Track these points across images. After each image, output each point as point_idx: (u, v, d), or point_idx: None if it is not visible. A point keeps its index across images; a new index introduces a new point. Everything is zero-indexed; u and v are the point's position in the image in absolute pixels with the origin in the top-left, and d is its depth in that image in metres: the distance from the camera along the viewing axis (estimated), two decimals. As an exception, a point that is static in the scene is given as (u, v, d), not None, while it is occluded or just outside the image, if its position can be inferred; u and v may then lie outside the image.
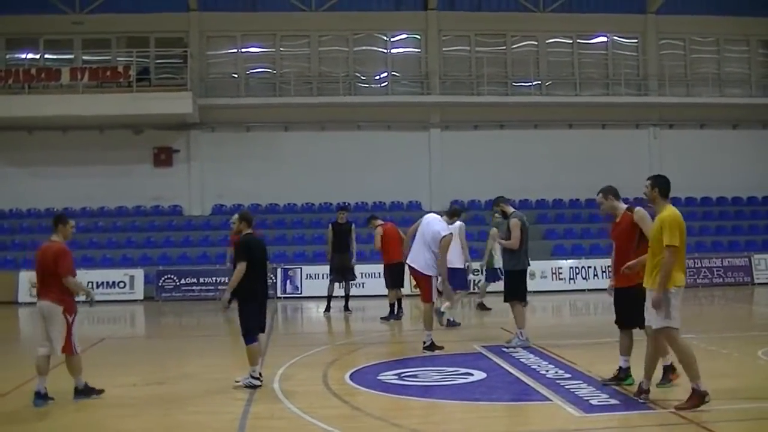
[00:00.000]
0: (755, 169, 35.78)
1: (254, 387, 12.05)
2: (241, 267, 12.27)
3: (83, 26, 34.26)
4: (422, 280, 15.42)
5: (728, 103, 36.41)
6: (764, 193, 36.30)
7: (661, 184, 11.03)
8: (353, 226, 23.29)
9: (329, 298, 23.19)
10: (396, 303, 21.54)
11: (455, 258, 18.20)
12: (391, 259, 21.14)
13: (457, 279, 18.52)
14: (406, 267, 16.60)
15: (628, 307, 11.18)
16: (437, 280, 15.52)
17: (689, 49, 37.36)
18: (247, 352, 12.31)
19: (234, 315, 23.36)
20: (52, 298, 11.45)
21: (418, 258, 15.40)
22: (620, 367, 11.52)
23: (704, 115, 36.18)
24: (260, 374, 12.32)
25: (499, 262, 20.90)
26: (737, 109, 36.36)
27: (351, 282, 23.23)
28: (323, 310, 23.20)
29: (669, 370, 11.42)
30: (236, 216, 12.71)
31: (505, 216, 16.26)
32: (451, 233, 15.68)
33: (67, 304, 11.55)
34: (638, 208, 11.37)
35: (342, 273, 22.85)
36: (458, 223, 18.87)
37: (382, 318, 21.33)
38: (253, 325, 12.39)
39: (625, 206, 11.64)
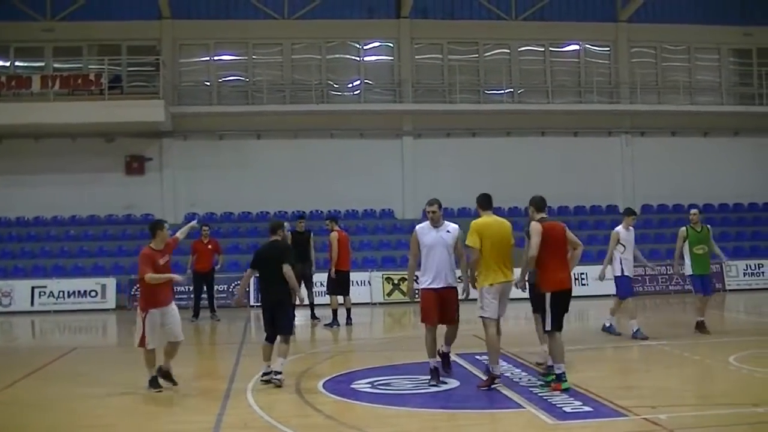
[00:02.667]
0: (726, 177, 35.96)
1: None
2: (246, 273, 13.81)
3: (54, 34, 34.04)
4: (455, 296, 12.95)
5: (699, 110, 36.59)
6: (735, 200, 36.54)
7: (478, 200, 12.97)
8: (311, 234, 23.24)
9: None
10: (346, 311, 21.94)
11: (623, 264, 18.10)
12: (341, 266, 21.44)
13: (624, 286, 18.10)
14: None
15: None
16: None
17: (660, 57, 37.56)
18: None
19: (204, 324, 23.43)
20: (136, 299, 13.04)
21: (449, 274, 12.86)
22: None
23: (675, 123, 36.37)
24: (275, 372, 13.14)
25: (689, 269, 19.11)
26: (708, 116, 36.55)
27: (312, 290, 23.19)
28: None
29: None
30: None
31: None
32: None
33: (141, 303, 12.80)
34: (532, 223, 12.43)
35: (301, 282, 22.84)
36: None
37: (325, 325, 21.67)
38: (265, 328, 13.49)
39: (539, 217, 12.52)
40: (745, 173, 36.25)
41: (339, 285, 21.64)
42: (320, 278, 23.88)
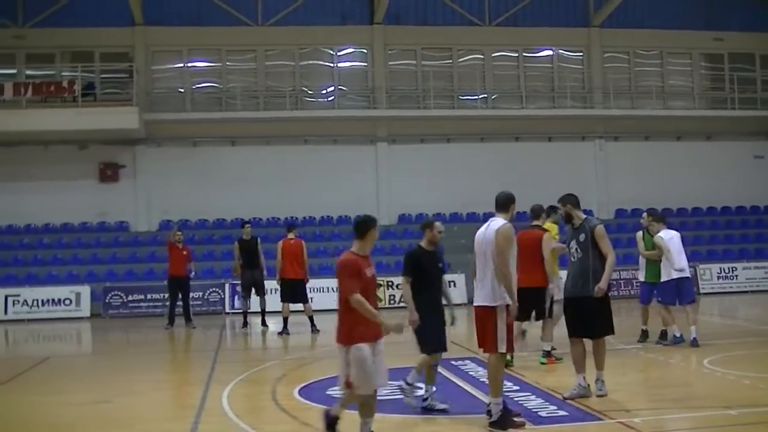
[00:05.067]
0: (698, 181, 36.18)
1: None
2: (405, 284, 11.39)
3: (26, 40, 33.81)
4: (487, 318, 10.41)
5: (672, 115, 36.88)
6: (708, 203, 36.77)
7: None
8: (259, 240, 23.22)
9: (245, 314, 23.27)
10: (309, 319, 21.56)
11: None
12: (285, 275, 21.21)
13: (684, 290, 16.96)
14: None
15: None
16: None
17: (633, 62, 37.75)
18: None
19: (180, 331, 23.33)
20: (339, 322, 9.35)
21: (482, 287, 10.54)
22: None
23: (648, 128, 36.56)
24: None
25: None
26: (680, 121, 36.81)
27: (263, 296, 23.00)
28: (240, 326, 23.24)
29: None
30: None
31: (568, 221, 12.22)
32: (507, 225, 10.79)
33: (342, 333, 9.30)
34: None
35: (252, 289, 22.76)
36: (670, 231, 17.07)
37: (279, 333, 21.41)
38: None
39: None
40: (717, 177, 36.43)
41: (287, 293, 21.39)
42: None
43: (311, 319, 21.47)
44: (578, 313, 11.74)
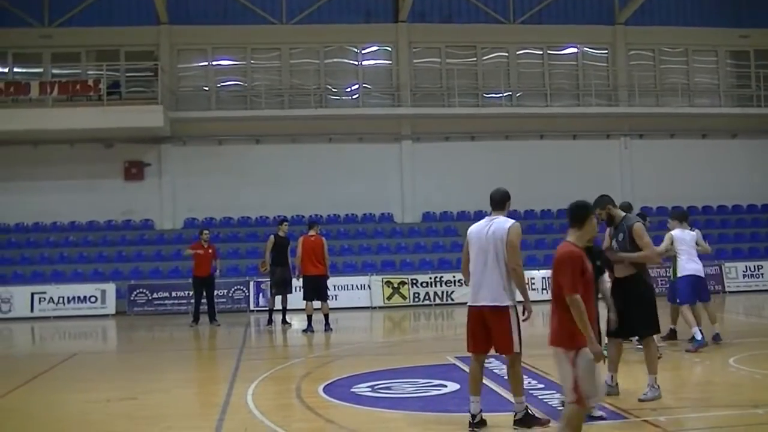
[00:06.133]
0: (725, 179, 35.99)
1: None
2: None
3: (52, 40, 34.04)
4: (499, 318, 10.05)
5: (697, 113, 36.60)
6: (734, 201, 36.55)
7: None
8: (289, 240, 23.26)
9: (271, 311, 23.26)
10: (324, 317, 21.56)
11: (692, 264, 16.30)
12: (306, 271, 21.36)
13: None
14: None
15: None
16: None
17: (658, 59, 37.58)
18: None
19: (204, 329, 23.38)
20: (557, 323, 8.18)
21: (488, 287, 10.13)
22: None
23: (674, 125, 36.39)
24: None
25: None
26: (706, 118, 36.57)
27: (286, 295, 23.11)
28: (265, 323, 23.29)
29: None
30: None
31: (610, 222, 12.01)
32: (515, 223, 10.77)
33: (565, 337, 8.07)
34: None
35: (284, 286, 22.79)
36: (692, 231, 16.74)
37: (303, 330, 21.48)
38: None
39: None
40: (743, 175, 36.25)
41: (310, 290, 21.50)
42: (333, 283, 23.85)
43: (326, 317, 21.53)
44: (619, 313, 11.33)
